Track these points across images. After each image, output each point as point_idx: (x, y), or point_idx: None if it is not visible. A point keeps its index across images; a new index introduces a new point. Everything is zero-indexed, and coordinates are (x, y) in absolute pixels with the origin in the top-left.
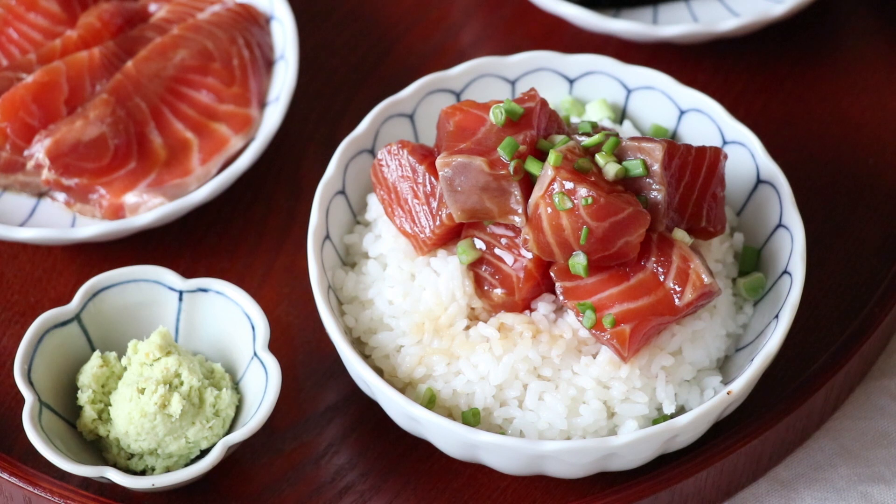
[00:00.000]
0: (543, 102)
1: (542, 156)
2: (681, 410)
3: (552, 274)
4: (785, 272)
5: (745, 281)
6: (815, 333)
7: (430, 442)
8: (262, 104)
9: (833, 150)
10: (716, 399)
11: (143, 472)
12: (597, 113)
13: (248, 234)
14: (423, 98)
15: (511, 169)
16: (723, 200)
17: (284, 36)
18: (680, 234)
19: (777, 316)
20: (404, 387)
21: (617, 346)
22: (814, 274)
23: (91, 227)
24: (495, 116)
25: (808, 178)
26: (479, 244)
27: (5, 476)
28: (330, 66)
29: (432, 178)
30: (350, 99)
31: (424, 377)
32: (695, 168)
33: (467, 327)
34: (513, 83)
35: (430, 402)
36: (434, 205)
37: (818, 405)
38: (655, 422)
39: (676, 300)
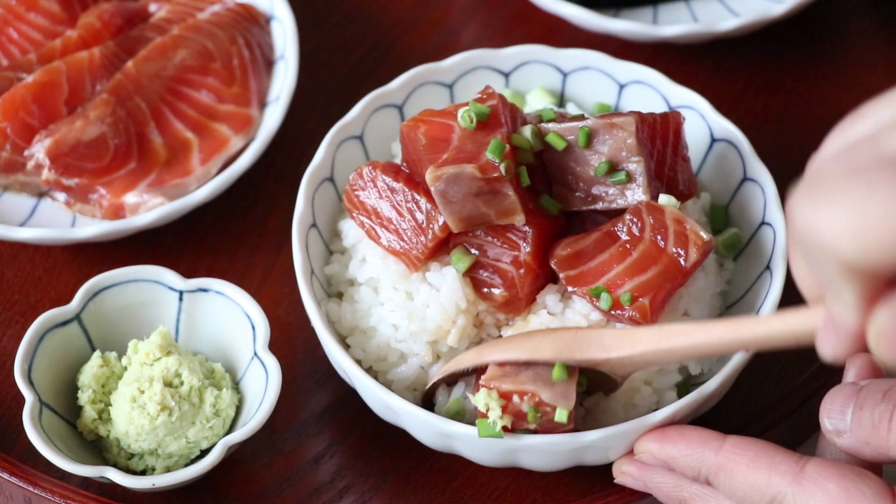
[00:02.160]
0: (502, 98)
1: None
2: (700, 375)
3: (553, 265)
4: (763, 223)
5: (722, 238)
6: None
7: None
8: (262, 104)
9: None
10: (736, 359)
11: (143, 472)
12: (591, 110)
13: (248, 234)
14: (414, 90)
15: (503, 170)
16: (689, 162)
17: (284, 36)
18: (666, 199)
19: (769, 266)
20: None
21: (640, 320)
22: None
23: (91, 227)
24: (464, 121)
25: None
26: (472, 249)
27: (5, 476)
28: (330, 66)
29: (414, 194)
30: (350, 99)
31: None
32: (663, 133)
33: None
34: (506, 75)
35: (458, 415)
36: (421, 219)
37: (818, 405)
38: (683, 386)
39: (682, 262)
